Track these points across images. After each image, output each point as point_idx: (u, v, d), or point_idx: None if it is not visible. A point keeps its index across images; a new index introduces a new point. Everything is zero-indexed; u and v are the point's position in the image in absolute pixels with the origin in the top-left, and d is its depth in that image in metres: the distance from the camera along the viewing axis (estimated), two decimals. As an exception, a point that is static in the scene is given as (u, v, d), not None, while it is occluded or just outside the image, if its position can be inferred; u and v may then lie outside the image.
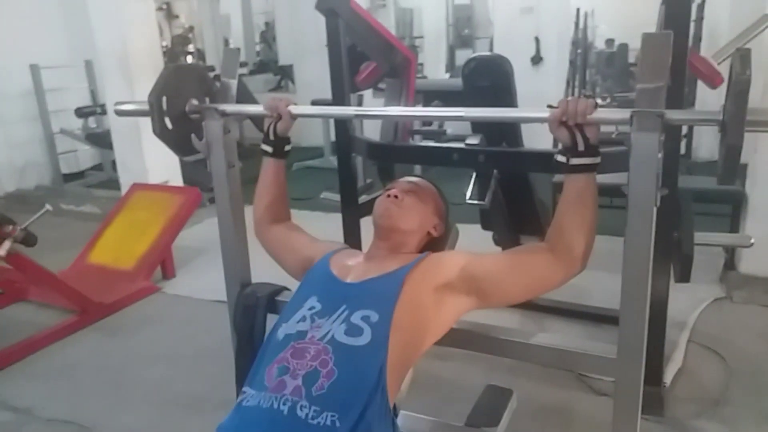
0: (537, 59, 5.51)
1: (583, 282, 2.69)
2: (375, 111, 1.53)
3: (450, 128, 3.73)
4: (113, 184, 4.77)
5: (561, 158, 1.22)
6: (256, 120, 1.70)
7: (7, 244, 2.39)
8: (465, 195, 2.20)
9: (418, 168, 4.23)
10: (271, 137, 1.54)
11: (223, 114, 1.59)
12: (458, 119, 1.38)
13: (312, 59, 6.37)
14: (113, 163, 4.72)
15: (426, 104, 4.37)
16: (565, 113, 1.16)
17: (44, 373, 2.44)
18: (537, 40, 5.44)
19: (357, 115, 1.57)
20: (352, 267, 1.41)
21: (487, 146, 2.00)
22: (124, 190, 4.03)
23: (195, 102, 1.59)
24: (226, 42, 9.23)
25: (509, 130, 2.12)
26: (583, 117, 1.15)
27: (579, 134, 1.18)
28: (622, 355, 1.32)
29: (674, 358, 2.19)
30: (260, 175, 1.62)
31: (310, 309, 1.28)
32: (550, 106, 1.21)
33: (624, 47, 8.02)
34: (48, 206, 2.60)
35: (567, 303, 2.56)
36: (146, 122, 1.54)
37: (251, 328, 1.62)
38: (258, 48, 9.87)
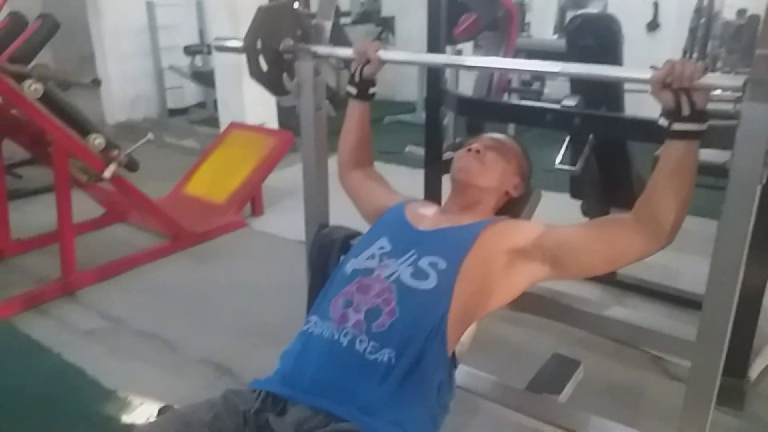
0: (653, 25, 5.12)
1: (672, 262, 2.58)
2: (464, 60, 1.49)
3: (549, 88, 3.57)
4: (213, 121, 4.98)
5: (663, 122, 1.13)
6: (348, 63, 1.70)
7: (112, 166, 2.57)
8: (555, 161, 2.12)
9: (510, 128, 4.11)
10: (357, 79, 1.54)
11: (315, 55, 1.60)
12: (552, 74, 1.33)
13: (414, 12, 6.25)
14: (215, 101, 4.92)
15: (526, 64, 4.21)
16: (670, 75, 1.07)
17: (137, 289, 2.64)
18: (656, 4, 5.05)
19: (446, 64, 1.51)
20: (427, 216, 1.41)
21: (584, 109, 1.91)
22: (222, 128, 4.20)
23: (290, 42, 1.60)
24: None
25: (610, 94, 2.00)
26: (690, 81, 1.06)
27: (685, 97, 1.08)
28: (702, 340, 1.24)
29: (764, 354, 2.04)
30: (345, 118, 1.62)
31: (380, 248, 1.29)
32: (653, 68, 1.12)
33: (755, 19, 7.28)
34: (150, 135, 2.76)
35: (652, 282, 2.44)
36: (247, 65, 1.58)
37: (324, 268, 1.66)
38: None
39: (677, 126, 1.10)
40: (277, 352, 1.26)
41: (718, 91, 1.19)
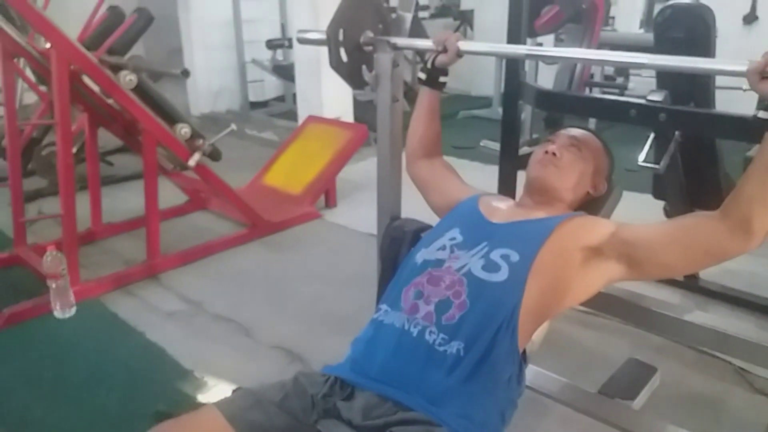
0: (751, 18, 4.79)
1: (760, 269, 2.42)
2: (547, 51, 1.44)
3: (633, 83, 3.42)
4: (292, 115, 5.10)
5: (764, 114, 1.07)
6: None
7: (196, 155, 2.69)
8: (638, 159, 2.03)
9: (591, 123, 3.96)
10: (429, 65, 1.52)
11: (394, 47, 1.61)
12: (638, 66, 1.26)
13: (493, 4, 6.15)
14: (294, 95, 5.03)
15: (610, 58, 4.05)
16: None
17: (216, 274, 2.76)
18: (756, -6, 4.73)
19: (527, 55, 1.45)
20: (501, 209, 1.39)
21: (671, 104, 1.81)
22: (300, 120, 4.30)
23: (370, 34, 1.61)
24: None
25: (700, 89, 1.89)
26: None
27: None
28: (793, 352, 1.17)
29: None
30: (415, 106, 1.61)
31: (451, 239, 1.29)
32: (750, 61, 1.05)
33: None
34: (233, 125, 2.87)
35: (737, 290, 2.29)
36: (326, 59, 1.60)
37: (395, 259, 1.67)
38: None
39: None
40: (346, 341, 1.28)
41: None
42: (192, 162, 2.70)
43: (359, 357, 1.21)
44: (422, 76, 1.56)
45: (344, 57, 1.58)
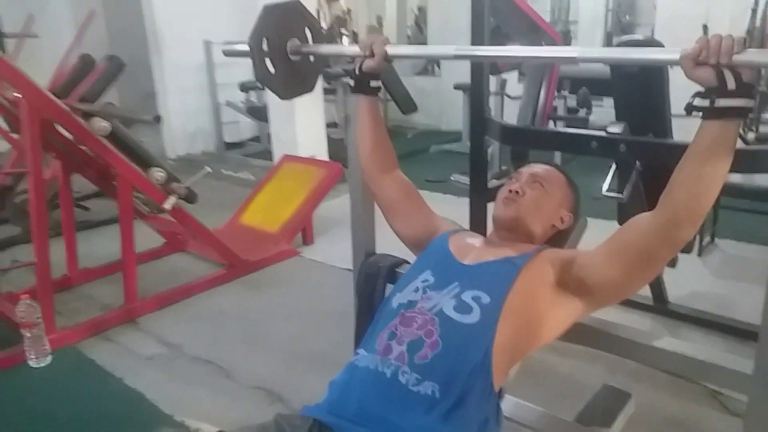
0: (707, 45, 5.02)
1: (728, 292, 2.50)
2: (474, 51, 1.37)
3: (594, 116, 3.55)
4: (267, 154, 5.16)
5: (700, 102, 1.02)
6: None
7: (172, 199, 2.71)
8: (602, 188, 2.11)
9: (557, 157, 4.08)
10: (357, 71, 1.46)
11: (319, 56, 1.57)
12: (568, 61, 1.27)
13: (459, 43, 6.32)
14: (269, 135, 5.09)
15: (573, 91, 4.20)
16: (704, 49, 0.99)
17: (195, 316, 2.75)
18: (705, 27, 4.95)
19: (456, 56, 1.28)
20: (470, 248, 1.38)
21: (630, 135, 1.90)
22: (276, 160, 4.35)
23: (297, 42, 1.55)
24: (380, 24, 9.47)
25: (657, 120, 1.99)
26: (728, 57, 0.97)
27: (728, 71, 0.98)
28: (759, 373, 1.21)
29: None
30: (355, 119, 1.56)
31: (423, 281, 1.29)
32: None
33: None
34: (208, 168, 2.90)
35: (707, 313, 2.36)
36: (300, 100, 1.56)
37: (371, 295, 1.69)
38: (409, 32, 10.00)
39: (723, 102, 0.99)
40: (326, 378, 1.29)
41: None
42: (168, 205, 2.71)
43: (336, 399, 1.20)
44: (350, 82, 1.51)
45: (271, 68, 1.51)
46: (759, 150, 2.02)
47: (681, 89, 1.97)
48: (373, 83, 1.49)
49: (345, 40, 9.29)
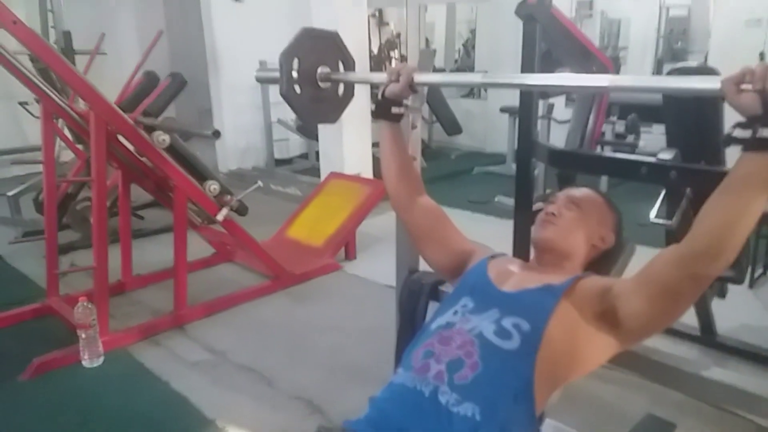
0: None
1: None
2: (502, 78, 1.32)
3: (643, 141, 3.50)
4: (315, 171, 5.27)
5: (740, 132, 0.97)
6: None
7: (224, 210, 2.81)
8: (650, 215, 2.08)
9: (603, 181, 4.03)
10: (380, 96, 1.46)
11: (347, 86, 1.60)
12: (600, 90, 1.19)
13: (506, 66, 6.39)
14: (317, 153, 5.20)
15: (621, 116, 4.16)
16: (747, 75, 0.94)
17: (240, 324, 2.82)
18: (762, 55, 4.83)
19: (483, 83, 1.30)
20: (510, 275, 1.36)
21: (681, 162, 1.88)
22: (323, 176, 4.44)
23: (326, 69, 1.57)
24: (428, 46, 9.58)
25: (709, 147, 1.96)
26: None
27: None
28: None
29: None
30: (380, 146, 1.55)
31: (463, 306, 1.28)
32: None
33: None
34: (259, 182, 2.99)
35: (757, 346, 2.27)
36: (348, 119, 1.58)
37: (413, 311, 1.72)
38: (457, 56, 10.08)
39: (766, 132, 0.94)
40: (365, 392, 1.29)
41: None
42: (220, 216, 2.81)
43: (377, 416, 1.20)
44: (372, 106, 1.50)
45: (298, 89, 1.52)
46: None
47: (736, 117, 1.95)
48: (395, 110, 1.48)
49: (395, 63, 9.45)
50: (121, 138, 2.70)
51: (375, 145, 5.07)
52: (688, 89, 1.13)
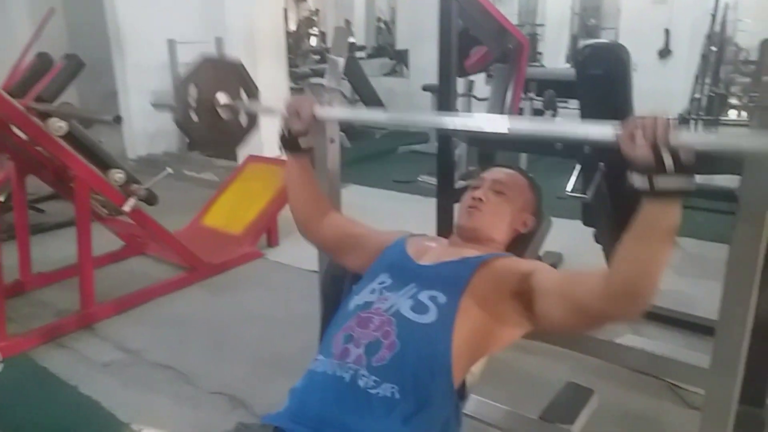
0: (665, 52, 5.18)
1: (688, 289, 2.55)
2: (403, 117, 1.36)
3: (559, 117, 3.60)
4: (231, 155, 5.07)
5: (639, 182, 0.96)
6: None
7: (131, 201, 2.64)
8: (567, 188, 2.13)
9: (523, 157, 4.12)
10: (286, 133, 1.44)
11: (250, 116, 1.59)
12: (499, 131, 1.16)
13: (427, 45, 6.34)
14: (233, 135, 5.00)
15: (539, 93, 4.26)
16: (638, 129, 0.95)
17: (155, 321, 2.68)
18: (667, 32, 5.10)
19: (388, 121, 1.40)
20: (430, 250, 1.38)
21: (593, 137, 1.92)
22: (240, 160, 4.28)
23: (226, 98, 1.53)
24: (348, 25, 9.46)
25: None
26: (665, 136, 0.93)
27: (666, 150, 0.94)
28: (715, 367, 1.24)
29: (784, 381, 1.99)
30: (285, 177, 1.53)
31: (380, 283, 1.28)
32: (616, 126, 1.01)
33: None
34: (169, 169, 2.83)
35: (667, 309, 2.40)
36: (265, 98, 1.55)
37: (337, 297, 1.66)
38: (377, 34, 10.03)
39: (662, 183, 0.95)
40: (290, 382, 1.26)
41: (732, 115, 1.15)
42: (127, 207, 2.64)
43: (296, 407, 1.18)
44: (281, 144, 1.47)
45: (194, 117, 1.47)
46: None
47: (644, 92, 2.01)
48: (303, 142, 1.45)
49: (313, 39, 9.27)
50: (13, 126, 2.46)
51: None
52: (585, 138, 1.13)
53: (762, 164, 1.10)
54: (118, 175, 2.66)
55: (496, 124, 1.18)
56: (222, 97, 1.50)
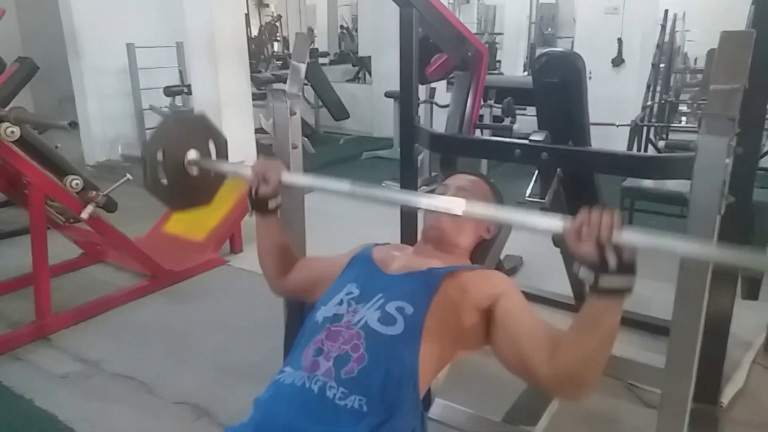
0: (618, 61, 5.34)
1: (644, 290, 2.61)
2: (368, 192, 1.35)
3: (518, 124, 3.67)
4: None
5: (585, 275, 1.01)
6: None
7: (89, 207, 2.58)
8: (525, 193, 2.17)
9: (484, 163, 4.19)
10: (253, 196, 1.48)
11: (211, 170, 1.58)
12: (452, 212, 1.21)
13: (389, 51, 6.40)
14: (195, 141, 4.93)
15: (498, 100, 4.33)
16: (584, 225, 1.00)
17: (115, 330, 2.61)
18: (620, 41, 5.26)
19: (351, 194, 1.33)
20: (396, 259, 1.40)
21: (551, 143, 1.97)
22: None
23: (195, 155, 1.52)
24: (311, 32, 9.45)
25: (576, 128, 2.07)
26: (609, 234, 0.97)
27: (610, 249, 0.97)
28: (670, 367, 1.28)
29: (735, 379, 2.08)
30: (257, 237, 1.59)
31: (348, 294, 1.29)
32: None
33: (713, 54, 7.58)
34: (128, 175, 2.77)
35: (624, 311, 2.46)
36: (227, 103, 1.53)
37: (301, 304, 1.67)
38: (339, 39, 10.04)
39: (605, 282, 0.99)
40: (256, 390, 1.25)
41: (683, 122, 1.20)
42: (85, 214, 2.58)
43: (261, 417, 1.17)
44: (249, 206, 1.52)
45: (164, 179, 1.45)
46: (668, 157, 2.14)
47: (599, 99, 2.08)
48: (271, 204, 1.49)
49: (275, 45, 9.21)
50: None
51: (258, 131, 4.91)
52: (538, 226, 1.15)
53: (710, 169, 1.14)
54: (75, 182, 2.60)
55: (452, 206, 1.22)
56: (191, 153, 1.50)
